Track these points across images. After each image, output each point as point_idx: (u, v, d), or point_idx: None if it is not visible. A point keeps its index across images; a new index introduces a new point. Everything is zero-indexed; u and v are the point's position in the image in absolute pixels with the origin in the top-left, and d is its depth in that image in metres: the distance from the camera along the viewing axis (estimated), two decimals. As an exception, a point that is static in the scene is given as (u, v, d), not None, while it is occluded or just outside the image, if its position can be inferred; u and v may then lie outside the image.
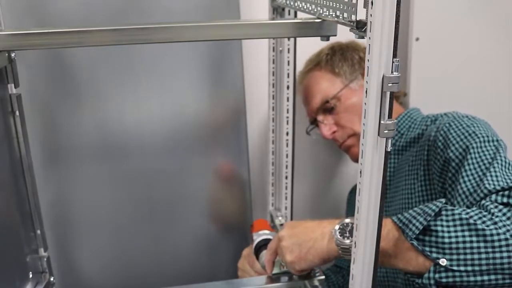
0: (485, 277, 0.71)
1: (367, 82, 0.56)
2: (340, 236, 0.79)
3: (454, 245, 0.72)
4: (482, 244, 0.71)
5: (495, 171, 0.83)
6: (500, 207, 0.74)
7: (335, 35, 0.74)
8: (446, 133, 0.94)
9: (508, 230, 0.71)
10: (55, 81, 1.09)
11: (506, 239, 0.70)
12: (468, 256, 0.71)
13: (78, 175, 1.15)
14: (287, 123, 1.08)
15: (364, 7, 0.56)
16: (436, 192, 0.96)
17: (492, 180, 0.81)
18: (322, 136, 1.20)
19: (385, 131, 0.57)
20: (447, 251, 0.72)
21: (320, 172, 1.45)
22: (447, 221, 0.73)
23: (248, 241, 1.28)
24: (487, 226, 0.72)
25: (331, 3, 0.68)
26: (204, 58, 1.15)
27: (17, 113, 0.80)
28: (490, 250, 0.71)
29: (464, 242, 0.72)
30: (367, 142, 0.58)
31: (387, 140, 0.58)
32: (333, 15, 0.68)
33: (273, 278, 0.95)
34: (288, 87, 1.05)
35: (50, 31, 0.69)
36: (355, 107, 1.14)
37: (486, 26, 1.40)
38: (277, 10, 1.00)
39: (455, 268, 0.71)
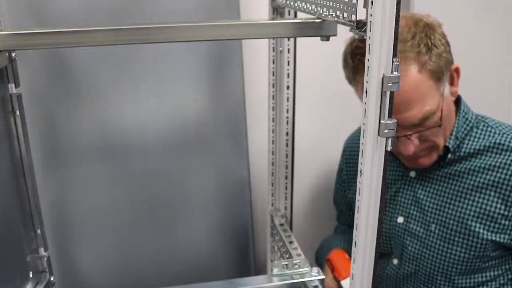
0: None
1: (367, 82, 0.57)
2: None
3: None
4: None
5: None
6: None
7: (335, 35, 0.74)
8: None
9: None
10: (56, 81, 1.10)
11: None
12: None
13: (78, 175, 1.15)
14: (287, 123, 1.08)
15: (364, 7, 0.56)
16: None
17: None
18: (405, 152, 1.00)
19: (385, 131, 0.57)
20: None
21: (320, 172, 1.45)
22: None
23: (248, 241, 1.28)
24: None
25: (331, 3, 0.68)
26: (204, 58, 1.15)
27: (18, 112, 0.80)
28: None
29: None
30: (367, 142, 0.58)
31: (387, 139, 0.58)
32: (333, 15, 0.68)
33: (273, 278, 0.95)
34: (288, 87, 1.05)
35: (50, 31, 0.69)
36: (445, 118, 0.98)
37: (486, 26, 1.40)
38: (277, 10, 1.00)
39: None
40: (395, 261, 1.13)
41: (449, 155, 1.05)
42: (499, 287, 1.06)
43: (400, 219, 1.11)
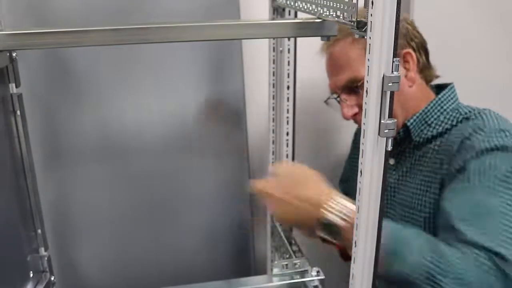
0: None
1: (367, 81, 0.57)
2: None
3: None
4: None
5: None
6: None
7: (335, 35, 0.74)
8: (467, 159, 0.94)
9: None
10: (56, 80, 1.10)
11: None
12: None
13: (78, 175, 1.15)
14: (287, 123, 1.08)
15: (364, 7, 0.56)
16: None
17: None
18: (342, 115, 1.11)
19: (385, 131, 0.57)
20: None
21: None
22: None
23: (248, 241, 1.29)
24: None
25: (331, 3, 0.68)
26: (204, 58, 1.15)
27: (18, 112, 0.80)
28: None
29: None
30: (367, 142, 0.58)
31: (387, 139, 0.58)
32: (333, 15, 0.68)
33: (273, 278, 0.95)
34: (288, 87, 1.05)
35: (50, 31, 0.69)
36: None
37: (487, 26, 1.40)
38: (277, 10, 1.00)
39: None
40: None
41: (416, 138, 1.07)
42: None
43: None
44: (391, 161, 1.13)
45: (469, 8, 1.38)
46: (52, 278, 0.90)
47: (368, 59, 0.56)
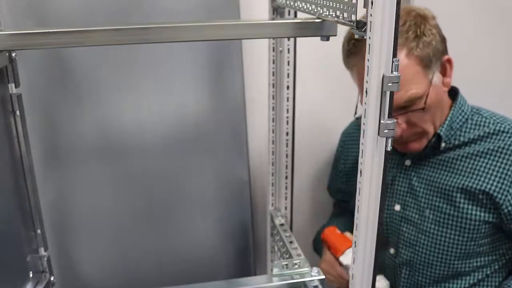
0: None
1: (367, 81, 0.57)
2: None
3: None
4: None
5: None
6: None
7: (335, 35, 0.74)
8: None
9: None
10: (56, 81, 1.10)
11: None
12: None
13: (78, 175, 1.15)
14: (287, 123, 1.08)
15: (364, 7, 0.56)
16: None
17: None
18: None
19: (385, 131, 0.57)
20: None
21: (320, 172, 1.45)
22: None
23: (248, 241, 1.28)
24: None
25: (331, 3, 0.68)
26: (204, 58, 1.15)
27: (18, 112, 0.80)
28: None
29: None
30: (367, 142, 0.58)
31: (387, 139, 0.58)
32: (333, 15, 0.68)
33: (273, 278, 0.95)
34: (288, 87, 1.05)
35: (50, 31, 0.69)
36: (433, 105, 1.02)
37: (486, 27, 1.40)
38: (277, 10, 1.00)
39: None
40: (392, 250, 1.16)
41: (443, 144, 1.08)
42: (492, 272, 1.09)
43: (397, 207, 1.14)
44: (407, 162, 1.13)
45: (469, 8, 1.38)
46: (52, 278, 0.90)
47: (368, 59, 0.56)
